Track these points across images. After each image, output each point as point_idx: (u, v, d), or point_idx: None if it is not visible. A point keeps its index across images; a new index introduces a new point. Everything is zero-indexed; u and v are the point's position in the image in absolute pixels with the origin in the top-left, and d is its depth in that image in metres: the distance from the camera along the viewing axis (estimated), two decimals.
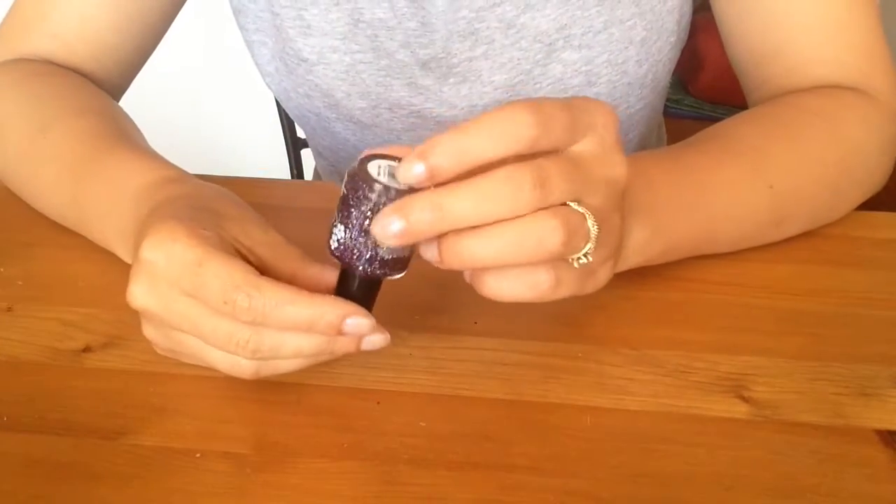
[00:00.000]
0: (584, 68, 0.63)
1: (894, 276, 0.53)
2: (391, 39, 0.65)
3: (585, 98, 0.38)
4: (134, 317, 0.49)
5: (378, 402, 0.43)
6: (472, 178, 0.35)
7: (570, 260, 0.38)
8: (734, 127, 0.55)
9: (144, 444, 0.41)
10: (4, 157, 0.59)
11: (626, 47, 0.63)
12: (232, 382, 0.45)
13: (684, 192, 0.49)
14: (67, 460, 0.40)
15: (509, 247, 0.35)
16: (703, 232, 0.51)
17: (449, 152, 0.34)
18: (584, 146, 0.37)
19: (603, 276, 0.42)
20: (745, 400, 0.43)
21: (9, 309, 0.50)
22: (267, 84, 0.73)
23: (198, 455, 0.41)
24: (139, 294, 0.39)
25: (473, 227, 0.35)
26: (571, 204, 0.36)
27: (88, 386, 0.45)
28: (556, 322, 0.48)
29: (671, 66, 0.68)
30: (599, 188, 0.37)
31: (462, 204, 0.34)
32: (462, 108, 0.67)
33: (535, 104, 0.35)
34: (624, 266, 0.47)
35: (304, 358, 0.40)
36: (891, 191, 0.59)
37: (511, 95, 0.65)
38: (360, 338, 0.39)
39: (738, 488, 0.39)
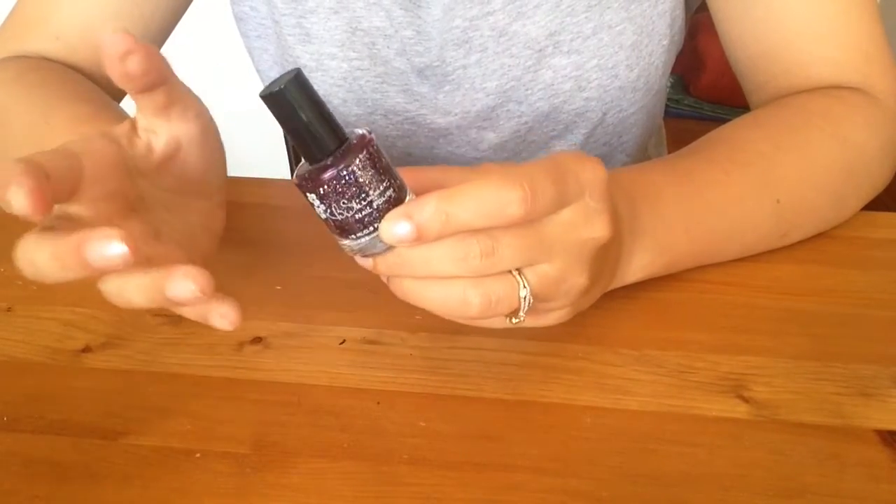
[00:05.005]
0: (574, 73, 0.64)
1: (894, 276, 0.53)
2: (388, 47, 0.65)
3: (576, 158, 0.38)
4: (134, 317, 0.49)
5: (378, 402, 0.43)
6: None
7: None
8: (741, 131, 0.55)
9: (144, 444, 0.41)
10: (4, 147, 0.59)
11: (616, 52, 0.63)
12: (232, 382, 0.45)
13: (691, 210, 0.49)
14: (67, 460, 0.40)
15: (436, 303, 0.37)
16: (707, 247, 0.51)
17: (435, 217, 0.34)
18: (562, 215, 0.37)
19: (553, 319, 0.42)
20: (745, 400, 0.43)
21: (9, 309, 0.50)
22: None
23: (198, 455, 0.41)
24: None
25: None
26: (514, 273, 0.37)
27: (88, 386, 0.45)
28: None
29: (665, 69, 0.68)
30: (563, 253, 0.38)
31: (414, 257, 0.36)
32: (456, 115, 0.67)
33: (527, 180, 0.35)
34: (621, 283, 0.48)
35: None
36: (891, 191, 0.59)
37: (503, 101, 0.66)
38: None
39: (738, 488, 0.39)
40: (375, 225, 0.36)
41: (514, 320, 0.39)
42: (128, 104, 0.66)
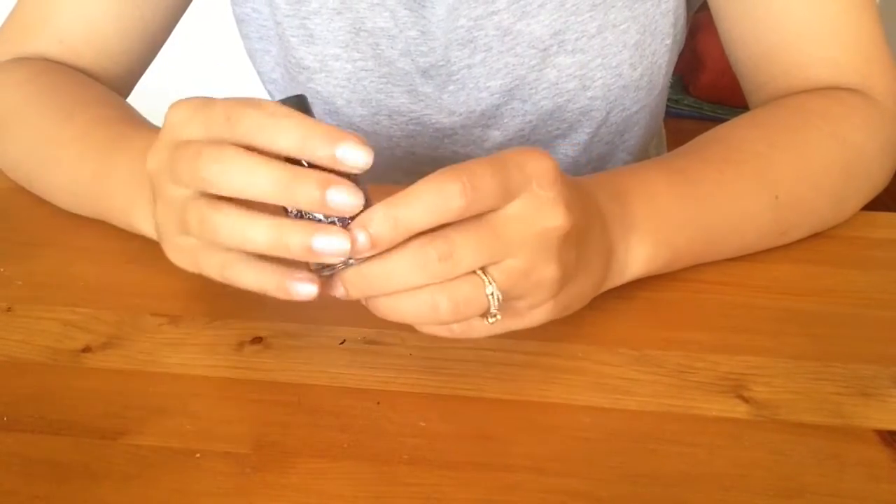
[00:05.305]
0: (578, 72, 0.64)
1: (894, 276, 0.53)
2: (392, 48, 0.65)
3: (519, 151, 0.38)
4: (134, 317, 0.49)
5: (378, 402, 0.43)
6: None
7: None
8: (737, 131, 0.55)
9: (144, 444, 0.41)
10: (20, 145, 0.59)
11: (620, 51, 0.63)
12: (232, 382, 0.45)
13: (688, 206, 0.49)
14: (67, 460, 0.40)
15: (410, 314, 0.38)
16: (707, 244, 0.51)
17: (385, 223, 0.36)
18: (513, 207, 0.37)
19: (538, 317, 0.42)
20: (745, 400, 0.43)
21: (9, 309, 0.50)
22: (269, 91, 0.73)
23: (198, 455, 0.41)
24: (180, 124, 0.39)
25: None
26: (479, 272, 0.37)
27: (88, 386, 0.45)
28: (556, 322, 0.48)
29: (668, 68, 0.68)
30: (524, 247, 0.38)
31: (378, 274, 0.37)
32: (461, 115, 0.67)
33: (465, 173, 0.36)
34: (621, 280, 0.48)
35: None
36: (891, 191, 0.59)
37: (507, 100, 0.66)
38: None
39: (738, 488, 0.39)
40: None
41: (489, 320, 0.39)
42: (132, 102, 0.66)
